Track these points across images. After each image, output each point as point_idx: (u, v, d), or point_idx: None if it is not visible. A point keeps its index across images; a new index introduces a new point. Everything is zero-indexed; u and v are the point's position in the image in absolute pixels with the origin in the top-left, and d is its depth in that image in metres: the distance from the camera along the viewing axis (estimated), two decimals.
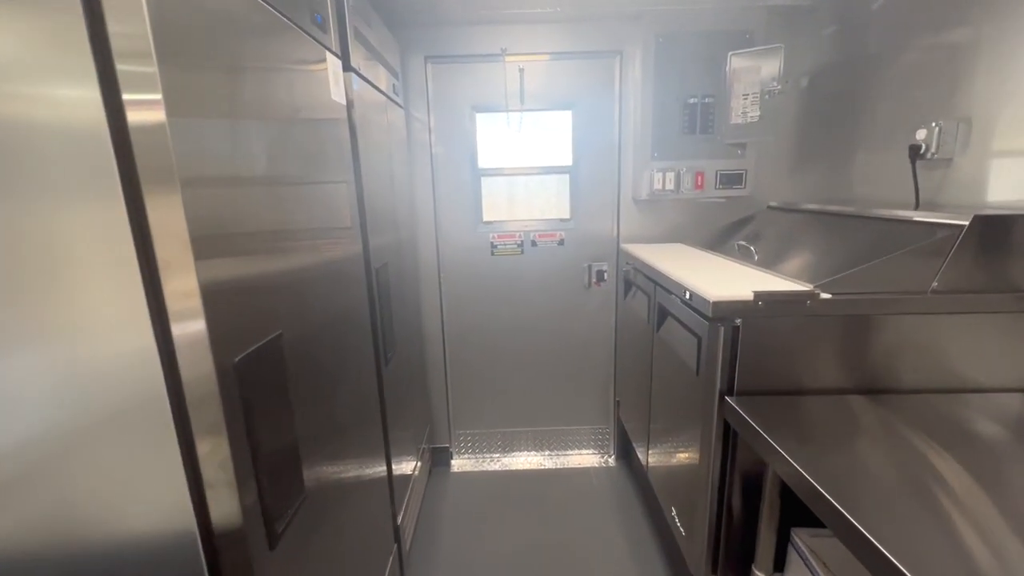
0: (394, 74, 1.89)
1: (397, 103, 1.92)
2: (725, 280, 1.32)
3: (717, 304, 1.16)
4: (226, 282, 0.69)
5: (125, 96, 0.57)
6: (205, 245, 0.64)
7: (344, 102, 1.25)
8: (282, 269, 0.87)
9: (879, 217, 1.37)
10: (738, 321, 1.16)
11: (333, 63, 1.19)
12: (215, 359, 0.65)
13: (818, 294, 1.14)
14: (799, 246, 1.53)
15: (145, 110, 0.58)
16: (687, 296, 1.32)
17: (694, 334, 1.29)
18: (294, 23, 0.97)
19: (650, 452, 1.82)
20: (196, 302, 0.63)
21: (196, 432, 0.66)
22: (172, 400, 0.65)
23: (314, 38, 1.08)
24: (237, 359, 0.70)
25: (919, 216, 1.25)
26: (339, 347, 1.15)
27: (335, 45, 1.23)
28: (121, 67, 0.57)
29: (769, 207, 2.02)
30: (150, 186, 0.59)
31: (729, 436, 1.22)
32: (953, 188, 1.43)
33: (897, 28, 1.64)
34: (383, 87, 1.67)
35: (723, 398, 1.18)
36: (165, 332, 0.63)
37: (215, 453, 0.68)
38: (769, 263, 1.46)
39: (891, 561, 0.67)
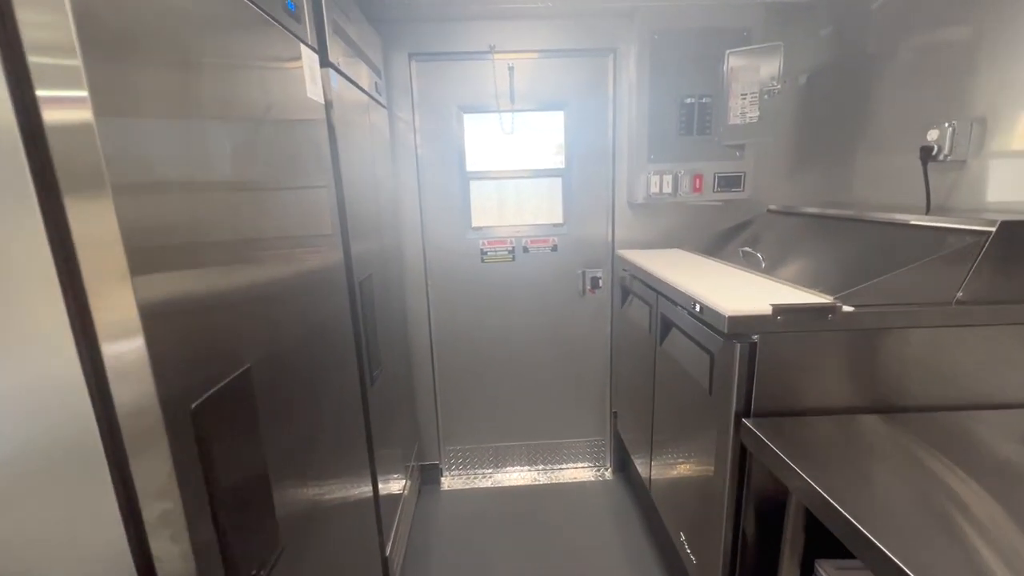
0: (376, 72, 1.77)
1: (380, 103, 1.81)
2: (736, 291, 1.24)
3: (733, 319, 1.07)
4: (177, 305, 0.57)
5: (39, 93, 0.46)
6: (145, 260, 0.52)
7: (322, 100, 1.14)
8: (250, 284, 0.75)
9: (893, 222, 1.30)
10: (755, 337, 1.08)
11: (309, 57, 1.08)
12: (164, 407, 0.54)
13: (840, 307, 1.07)
14: (807, 253, 1.45)
15: (66, 109, 0.47)
16: (696, 308, 1.23)
17: (706, 350, 1.20)
18: (262, 10, 0.85)
19: (653, 469, 1.73)
20: (136, 332, 0.51)
21: (143, 499, 0.55)
22: (111, 461, 0.53)
23: (287, 29, 0.97)
24: (194, 405, 0.59)
25: (939, 222, 1.18)
26: (320, 373, 1.04)
27: (311, 38, 1.12)
28: (34, 60, 0.46)
29: (769, 211, 1.95)
30: (73, 193, 0.48)
31: (746, 460, 1.13)
32: (965, 191, 1.37)
33: (902, 24, 1.58)
34: (365, 85, 1.55)
35: (740, 420, 1.10)
36: (98, 373, 0.52)
37: (166, 521, 0.56)
38: (778, 272, 1.38)
39: None
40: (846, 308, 1.07)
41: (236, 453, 0.68)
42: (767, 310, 1.06)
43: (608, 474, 2.38)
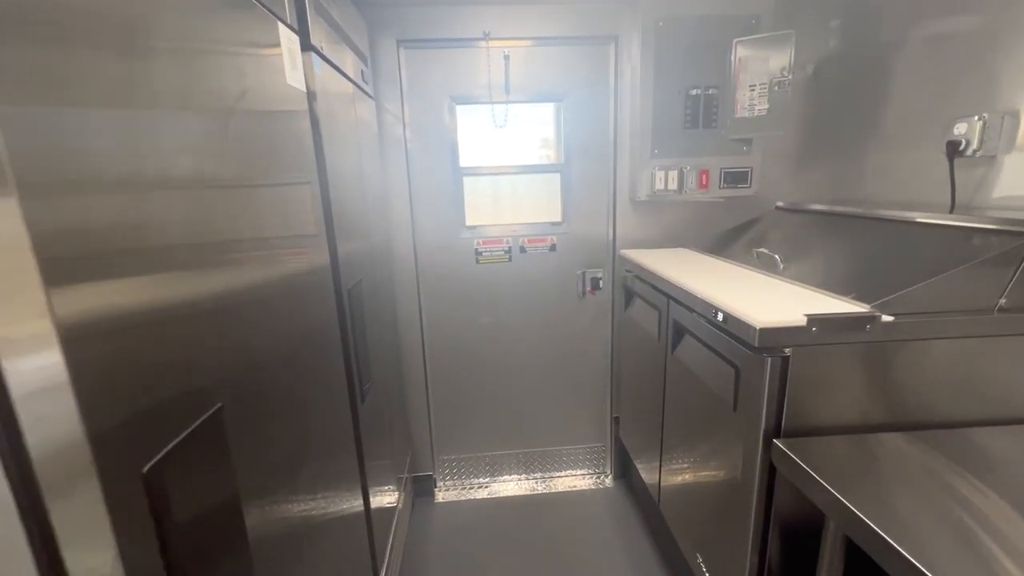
0: (362, 59, 1.64)
1: (366, 92, 1.67)
2: (760, 298, 1.14)
3: (764, 332, 0.98)
4: (119, 328, 0.45)
5: None
6: (66, 270, 0.40)
7: (304, 88, 1.01)
8: (221, 295, 0.63)
9: (916, 222, 1.22)
10: (788, 351, 0.98)
11: (288, 38, 0.94)
12: (104, 477, 0.42)
13: (879, 316, 0.98)
14: (825, 255, 1.37)
15: None
16: (719, 318, 1.13)
17: (730, 363, 1.10)
18: None
19: (662, 481, 1.65)
20: (56, 367, 0.39)
21: None
22: (35, 550, 0.41)
23: (263, 4, 0.84)
24: (146, 468, 0.47)
25: (971, 221, 1.10)
26: (305, 396, 0.91)
27: (290, 17, 0.99)
28: None
29: (777, 207, 1.87)
30: None
31: (773, 480, 1.05)
32: (994, 189, 1.30)
33: (919, 10, 1.49)
34: (350, 73, 1.42)
35: (770, 440, 1.01)
36: (11, 436, 0.39)
37: None
38: (798, 275, 1.29)
39: None
40: (885, 318, 0.98)
41: (203, 513, 0.56)
42: (800, 321, 0.97)
43: (609, 481, 2.29)
